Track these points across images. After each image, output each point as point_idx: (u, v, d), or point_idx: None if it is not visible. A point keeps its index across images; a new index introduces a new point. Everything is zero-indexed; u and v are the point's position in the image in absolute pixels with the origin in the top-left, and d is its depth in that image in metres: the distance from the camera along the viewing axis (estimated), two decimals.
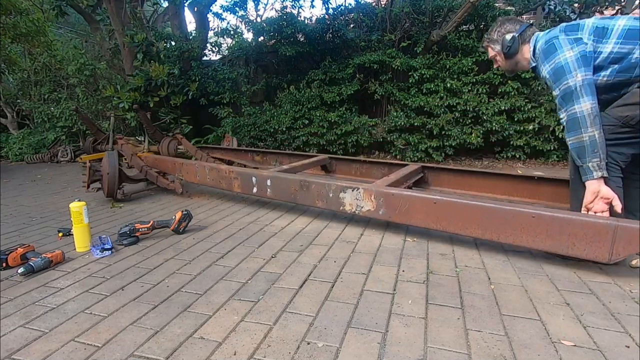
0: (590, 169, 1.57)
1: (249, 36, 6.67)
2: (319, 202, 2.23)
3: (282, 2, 7.27)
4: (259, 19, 7.14)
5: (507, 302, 1.33)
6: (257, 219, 2.46)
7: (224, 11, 6.10)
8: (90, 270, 1.70)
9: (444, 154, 4.82)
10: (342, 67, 5.29)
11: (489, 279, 1.51)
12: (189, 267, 1.70)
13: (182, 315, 1.29)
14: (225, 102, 5.68)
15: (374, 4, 5.95)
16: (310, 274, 1.58)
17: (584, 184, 1.62)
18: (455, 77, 4.74)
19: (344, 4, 5.93)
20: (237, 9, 6.00)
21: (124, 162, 3.58)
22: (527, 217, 1.59)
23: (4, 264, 1.70)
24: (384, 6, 5.51)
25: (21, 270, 1.62)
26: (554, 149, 4.51)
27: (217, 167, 2.79)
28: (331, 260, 1.74)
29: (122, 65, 6.16)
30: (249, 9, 10.03)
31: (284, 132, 5.24)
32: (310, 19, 5.98)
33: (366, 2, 6.01)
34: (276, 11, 6.20)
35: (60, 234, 2.18)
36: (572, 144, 1.62)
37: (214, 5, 6.21)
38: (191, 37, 6.12)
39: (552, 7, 5.33)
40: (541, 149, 4.54)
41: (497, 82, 4.61)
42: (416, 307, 1.30)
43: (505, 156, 4.79)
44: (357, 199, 2.07)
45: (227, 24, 7.97)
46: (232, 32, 6.27)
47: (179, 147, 3.97)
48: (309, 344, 1.11)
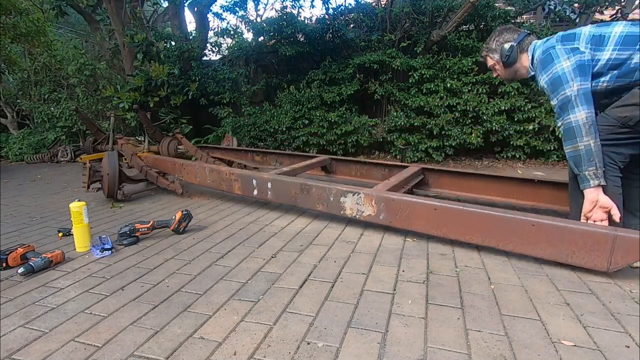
0: (587, 177, 1.60)
1: (249, 36, 6.68)
2: (320, 205, 2.23)
3: (282, 2, 7.28)
4: (259, 19, 7.15)
5: (507, 302, 1.33)
6: (257, 219, 2.46)
7: (224, 11, 6.10)
8: (90, 270, 1.70)
9: (444, 154, 4.82)
10: (342, 67, 5.29)
11: (489, 279, 1.51)
12: (189, 267, 1.70)
13: (182, 315, 1.29)
14: (225, 102, 5.68)
15: (374, 4, 5.95)
16: (310, 274, 1.58)
17: (582, 191, 1.64)
18: (455, 77, 4.73)
19: (344, 4, 5.93)
20: (237, 9, 6.00)
21: (124, 162, 3.58)
22: (527, 225, 1.60)
23: (4, 264, 1.70)
24: (384, 6, 5.51)
25: (21, 270, 1.62)
26: (554, 149, 4.50)
27: (218, 168, 2.79)
28: (331, 260, 1.74)
29: (122, 65, 6.16)
30: (249, 9, 10.05)
31: (284, 132, 5.24)
32: (310, 19, 5.98)
33: (366, 2, 6.01)
34: (276, 11, 6.20)
35: (60, 234, 2.18)
36: (568, 152, 1.66)
37: (214, 5, 6.21)
38: (191, 37, 6.12)
39: (552, 7, 5.33)
40: (541, 149, 4.54)
41: (497, 82, 4.60)
42: (416, 307, 1.30)
43: (505, 156, 4.79)
44: (357, 204, 2.07)
45: (227, 24, 7.97)
46: (232, 32, 6.27)
47: (179, 147, 3.97)
48: (309, 344, 1.11)
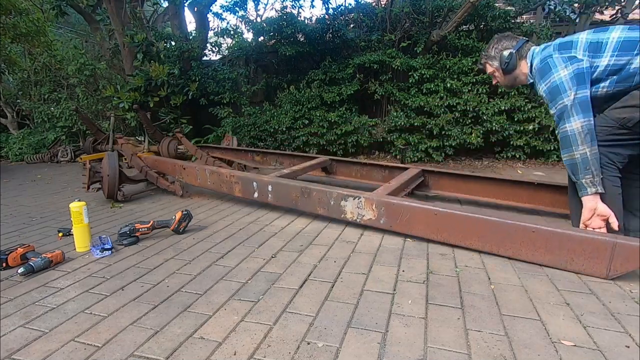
0: (584, 185, 1.61)
1: (249, 36, 6.68)
2: (320, 209, 2.24)
3: (282, 2, 7.28)
4: (259, 19, 7.15)
5: (507, 302, 1.33)
6: (257, 219, 2.46)
7: (224, 11, 6.10)
8: (90, 270, 1.70)
9: (444, 154, 4.82)
10: (342, 67, 5.29)
11: (489, 279, 1.51)
12: (189, 267, 1.70)
13: (182, 315, 1.29)
14: (225, 102, 5.68)
15: (374, 4, 5.95)
16: (310, 274, 1.58)
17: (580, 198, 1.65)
18: (455, 77, 4.73)
19: (344, 4, 5.93)
20: (237, 9, 6.00)
21: (123, 162, 3.58)
22: (527, 231, 1.61)
23: (4, 264, 1.70)
24: (384, 6, 5.50)
25: (21, 270, 1.62)
26: (554, 149, 4.50)
27: (218, 170, 2.79)
28: (331, 260, 1.74)
29: (122, 65, 6.16)
30: (249, 9, 10.06)
31: (284, 132, 5.24)
32: (310, 19, 5.98)
33: (366, 2, 6.01)
34: (276, 11, 6.20)
35: (60, 234, 2.18)
36: (565, 160, 1.67)
37: (214, 5, 6.20)
38: (191, 37, 6.12)
39: (552, 7, 5.33)
40: (541, 149, 4.54)
41: None
42: (416, 307, 1.30)
43: (505, 156, 4.79)
44: (358, 208, 2.08)
45: (227, 24, 7.96)
46: (232, 32, 6.26)
47: (179, 147, 3.97)
48: (309, 344, 1.11)
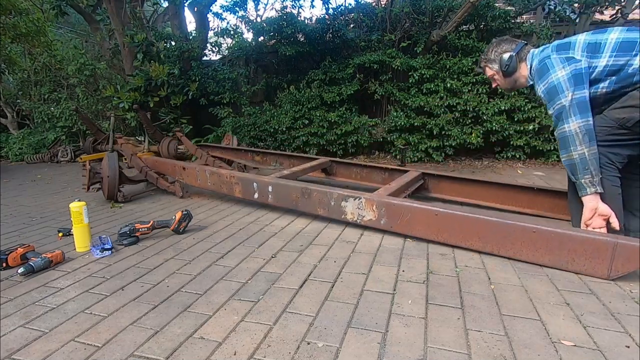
0: (583, 185, 1.62)
1: (249, 36, 6.67)
2: (320, 209, 2.24)
3: (282, 2, 7.27)
4: (259, 19, 7.13)
5: (507, 302, 1.33)
6: (257, 219, 2.46)
7: (224, 11, 6.09)
8: (90, 270, 1.70)
9: (444, 154, 4.82)
10: (342, 67, 5.29)
11: (489, 279, 1.51)
12: (189, 267, 1.70)
13: (182, 315, 1.29)
14: (225, 102, 5.68)
15: (374, 4, 5.95)
16: (310, 274, 1.58)
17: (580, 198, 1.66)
18: (455, 77, 4.73)
19: (344, 4, 5.92)
20: (237, 9, 5.99)
21: (123, 162, 3.58)
22: (528, 231, 1.60)
23: (4, 264, 1.70)
24: (384, 6, 5.50)
25: (21, 270, 1.62)
26: (554, 149, 4.50)
27: (218, 171, 2.79)
28: (331, 260, 1.74)
29: (122, 65, 6.16)
30: (249, 9, 10.05)
31: (284, 132, 5.23)
32: (310, 19, 5.97)
33: (366, 2, 6.00)
34: (276, 11, 6.19)
35: (60, 234, 2.18)
36: (564, 161, 1.68)
37: (214, 5, 6.20)
38: (191, 37, 6.12)
39: (552, 7, 5.33)
40: (541, 149, 4.54)
41: None
42: (416, 307, 1.30)
43: (505, 156, 4.78)
44: (358, 208, 2.08)
45: (227, 24, 7.93)
46: (232, 32, 6.26)
47: (179, 147, 3.97)
48: (309, 344, 1.11)
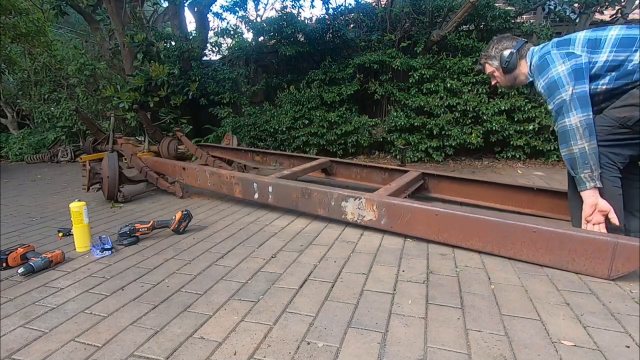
0: (582, 179, 1.62)
1: (249, 36, 6.67)
2: (321, 210, 2.24)
3: (282, 2, 7.28)
4: (259, 19, 7.13)
5: (507, 302, 1.33)
6: (257, 219, 2.46)
7: (224, 11, 6.09)
8: (90, 270, 1.70)
9: (444, 154, 4.82)
10: (342, 67, 5.29)
11: (489, 279, 1.51)
12: (189, 267, 1.70)
13: (182, 315, 1.29)
14: (225, 102, 5.68)
15: (374, 4, 5.95)
16: (310, 274, 1.58)
17: (580, 194, 1.65)
18: (455, 77, 4.73)
19: (344, 4, 5.92)
20: (237, 9, 5.99)
21: (123, 162, 3.58)
22: (528, 231, 1.60)
23: (4, 264, 1.70)
24: (384, 6, 5.50)
25: (21, 270, 1.62)
26: (554, 149, 4.50)
27: (218, 172, 2.79)
28: (331, 260, 1.74)
29: (122, 65, 6.16)
30: (249, 9, 10.04)
31: (284, 132, 5.24)
32: (310, 19, 5.97)
33: (366, 2, 6.00)
34: (276, 11, 6.19)
35: (60, 234, 2.18)
36: (564, 155, 1.68)
37: (214, 5, 6.19)
38: (191, 37, 6.12)
39: (552, 7, 5.33)
40: (541, 149, 4.54)
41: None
42: (416, 307, 1.30)
43: (505, 156, 4.78)
44: (359, 209, 2.08)
45: (227, 24, 7.94)
46: (232, 32, 6.26)
47: (179, 147, 3.97)
48: (309, 344, 1.11)
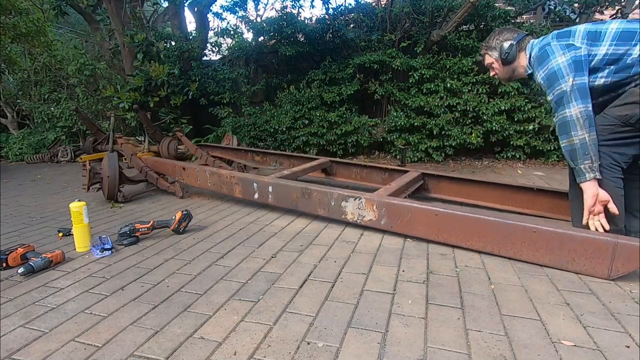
0: (582, 170, 1.61)
1: (249, 36, 6.67)
2: (321, 210, 2.24)
3: (282, 2, 7.28)
4: (259, 19, 7.14)
5: (507, 302, 1.33)
6: (257, 219, 2.46)
7: (224, 11, 6.09)
8: (90, 270, 1.70)
9: (444, 154, 4.82)
10: (342, 67, 5.29)
11: (489, 279, 1.51)
12: (189, 267, 1.70)
13: (182, 315, 1.29)
14: (225, 102, 5.68)
15: (374, 4, 5.95)
16: (310, 274, 1.58)
17: (581, 190, 1.64)
18: (455, 77, 4.73)
19: (344, 4, 5.92)
20: (237, 9, 6.00)
21: (123, 162, 3.58)
22: (528, 231, 1.60)
23: (4, 264, 1.70)
24: (384, 6, 5.50)
25: (21, 270, 1.62)
26: (554, 149, 4.50)
27: (218, 172, 2.79)
28: (331, 260, 1.74)
29: (122, 65, 6.16)
30: (249, 9, 10.04)
31: (284, 132, 5.24)
32: (310, 19, 5.97)
33: (366, 2, 6.01)
34: (276, 11, 6.19)
35: (60, 234, 2.19)
36: (564, 146, 1.66)
37: (214, 5, 6.20)
38: (191, 37, 6.12)
39: (552, 7, 5.33)
40: (541, 149, 4.54)
41: (497, 82, 4.60)
42: (416, 307, 1.30)
43: (505, 156, 4.78)
44: (359, 208, 2.08)
45: (227, 24, 7.95)
46: (232, 32, 6.26)
47: (179, 147, 3.97)
48: (309, 344, 1.11)
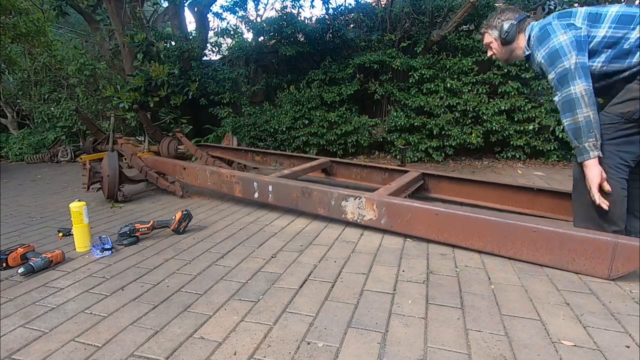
0: (586, 148, 1.59)
1: (249, 36, 6.68)
2: (321, 209, 2.24)
3: (282, 2, 7.28)
4: (259, 19, 7.14)
5: (507, 302, 1.33)
6: (257, 219, 2.46)
7: (224, 11, 6.10)
8: (90, 270, 1.70)
9: (444, 154, 4.82)
10: (342, 67, 5.29)
11: (489, 279, 1.51)
12: (189, 267, 1.70)
13: (182, 315, 1.29)
14: (225, 102, 5.68)
15: (374, 4, 5.95)
16: (310, 274, 1.58)
17: (586, 190, 1.62)
18: (455, 77, 4.73)
19: (344, 4, 5.93)
20: (237, 9, 6.00)
21: (123, 162, 3.58)
22: (529, 231, 1.60)
23: (4, 264, 1.70)
24: (384, 6, 5.50)
25: (21, 270, 1.62)
26: (554, 149, 4.51)
27: (219, 171, 2.79)
28: (331, 260, 1.74)
29: (122, 65, 6.16)
30: (249, 9, 10.03)
31: (284, 132, 5.24)
32: (310, 19, 5.98)
33: (366, 2, 6.01)
34: (276, 11, 6.20)
35: (60, 234, 2.18)
36: (568, 125, 1.63)
37: (214, 5, 6.20)
38: (191, 37, 6.12)
39: (552, 7, 5.33)
40: (541, 149, 4.54)
41: (497, 82, 4.60)
42: (416, 307, 1.30)
43: (505, 156, 4.78)
44: (359, 208, 2.08)
45: (227, 24, 7.96)
46: (232, 32, 6.27)
47: (179, 147, 3.97)
48: (309, 344, 1.11)
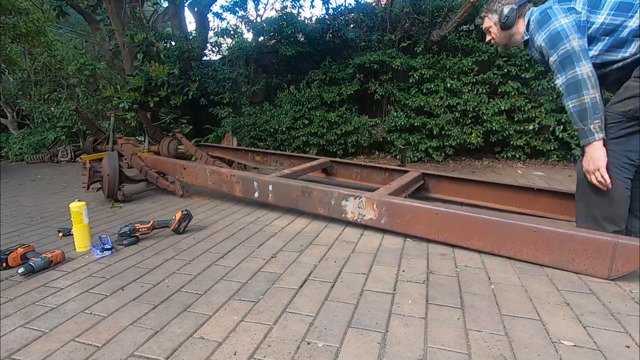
0: (592, 130, 1.57)
1: (249, 36, 6.68)
2: (321, 209, 2.24)
3: (282, 2, 7.28)
4: (259, 19, 7.14)
5: (507, 302, 1.33)
6: (257, 219, 2.46)
7: (224, 11, 6.10)
8: (90, 270, 1.70)
9: (444, 154, 4.82)
10: (342, 67, 5.29)
11: (489, 279, 1.51)
12: (189, 267, 1.70)
13: (182, 315, 1.29)
14: (225, 102, 5.68)
15: (374, 4, 5.95)
16: (310, 274, 1.58)
17: (591, 184, 1.61)
18: (455, 77, 4.73)
19: (344, 4, 5.93)
20: (237, 9, 6.00)
21: (123, 161, 3.58)
22: (529, 231, 1.60)
23: (4, 264, 1.70)
24: (384, 6, 5.50)
25: (21, 270, 1.62)
26: (554, 149, 4.50)
27: (219, 170, 2.79)
28: (331, 260, 1.74)
29: (122, 65, 6.16)
30: (249, 9, 10.03)
31: (284, 132, 5.24)
32: (310, 19, 5.97)
33: (366, 2, 6.01)
34: (276, 11, 6.20)
35: (60, 234, 2.18)
36: (573, 107, 1.61)
37: (214, 5, 6.20)
38: (191, 37, 6.12)
39: None
40: (541, 149, 4.54)
41: (497, 82, 4.60)
42: (416, 307, 1.30)
43: (505, 156, 4.78)
44: (359, 207, 2.08)
45: (227, 24, 7.97)
46: (232, 32, 6.26)
47: (179, 147, 3.97)
48: (309, 344, 1.11)
